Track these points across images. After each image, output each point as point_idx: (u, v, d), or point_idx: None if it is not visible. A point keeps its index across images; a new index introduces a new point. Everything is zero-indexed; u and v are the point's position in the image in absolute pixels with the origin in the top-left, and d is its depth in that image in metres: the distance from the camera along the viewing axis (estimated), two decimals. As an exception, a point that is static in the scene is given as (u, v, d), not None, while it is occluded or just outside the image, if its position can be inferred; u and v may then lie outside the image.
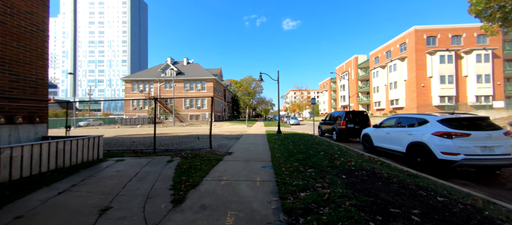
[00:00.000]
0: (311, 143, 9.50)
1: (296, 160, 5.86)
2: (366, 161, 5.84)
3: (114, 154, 6.80)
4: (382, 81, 34.17)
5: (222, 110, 47.18)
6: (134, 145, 9.97)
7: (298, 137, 11.85)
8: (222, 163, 5.71)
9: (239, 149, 8.04)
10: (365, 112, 10.89)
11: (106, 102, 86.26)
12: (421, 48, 27.07)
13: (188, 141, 11.06)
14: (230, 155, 6.92)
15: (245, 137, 12.79)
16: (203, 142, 9.67)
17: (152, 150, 7.58)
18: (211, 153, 7.06)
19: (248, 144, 9.41)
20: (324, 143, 9.40)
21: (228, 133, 15.99)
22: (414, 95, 27.24)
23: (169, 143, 10.31)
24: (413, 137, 5.40)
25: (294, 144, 9.24)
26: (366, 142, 7.89)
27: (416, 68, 27.09)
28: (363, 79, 44.85)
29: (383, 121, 7.16)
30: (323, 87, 75.10)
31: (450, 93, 26.30)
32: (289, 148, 8.13)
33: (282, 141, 10.03)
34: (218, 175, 4.55)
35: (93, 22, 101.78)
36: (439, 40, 27.13)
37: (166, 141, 11.15)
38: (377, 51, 36.42)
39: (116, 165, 5.31)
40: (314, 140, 10.37)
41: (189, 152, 7.12)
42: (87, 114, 58.43)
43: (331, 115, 12.70)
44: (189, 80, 39.31)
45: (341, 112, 11.27)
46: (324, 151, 7.42)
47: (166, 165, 5.40)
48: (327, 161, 5.73)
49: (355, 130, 10.55)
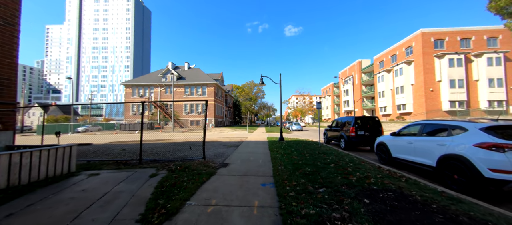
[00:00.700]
0: (317, 152, 8.52)
1: (302, 175, 4.91)
2: (387, 177, 4.86)
3: (91, 166, 5.92)
4: (388, 86, 33.13)
5: (223, 115, 46.39)
6: (122, 154, 9.10)
7: (302, 145, 10.87)
8: (214, 178, 4.78)
9: (237, 160, 7.11)
10: (377, 118, 9.91)
11: (108, 108, 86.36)
12: (429, 52, 26.13)
13: (183, 149, 10.16)
14: (225, 167, 5.99)
15: (245, 144, 11.86)
16: (197, 151, 8.75)
17: (138, 161, 6.69)
18: (203, 164, 6.14)
19: (247, 153, 8.47)
20: (332, 153, 8.41)
21: (227, 139, 15.07)
22: (423, 100, 26.10)
23: (162, 151, 9.42)
24: (446, 149, 4.42)
25: (299, 153, 8.28)
26: (382, 152, 6.90)
27: (423, 72, 26.07)
28: (367, 83, 43.85)
29: (403, 128, 6.19)
30: (326, 92, 74.12)
31: (460, 98, 25.11)
32: (293, 158, 7.17)
33: (285, 150, 9.07)
34: (206, 197, 3.63)
35: (97, 29, 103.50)
36: (447, 43, 26.21)
37: (159, 149, 10.27)
38: (382, 55, 35.57)
39: (86, 182, 4.41)
40: (320, 149, 9.39)
41: (179, 164, 6.21)
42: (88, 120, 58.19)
43: (338, 121, 11.74)
44: (189, 85, 38.78)
45: (350, 117, 10.32)
46: (334, 162, 6.45)
47: (146, 182, 4.49)
48: (340, 177, 4.77)
49: (366, 137, 9.55)
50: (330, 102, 69.50)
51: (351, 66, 49.07)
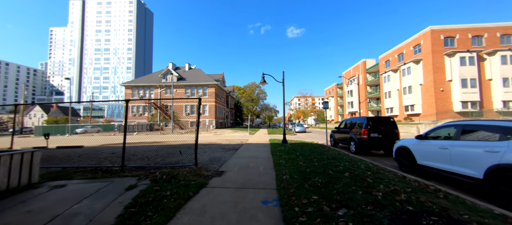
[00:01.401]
0: (326, 157, 7.55)
1: (313, 188, 3.96)
2: (420, 192, 3.89)
3: (61, 175, 5.05)
4: (394, 86, 31.94)
5: (224, 116, 45.57)
6: (109, 158, 8.26)
7: (308, 148, 9.91)
8: (204, 192, 3.87)
9: (235, 166, 6.18)
10: (392, 119, 8.92)
11: (109, 109, 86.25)
12: (438, 50, 24.96)
13: (177, 153, 9.28)
14: (219, 176, 5.08)
15: (245, 147, 10.94)
16: (190, 156, 7.84)
17: (119, 168, 5.81)
18: (195, 173, 5.22)
19: (247, 158, 7.54)
20: (343, 158, 7.43)
21: (227, 142, 14.18)
22: (432, 100, 24.87)
23: (153, 155, 8.54)
24: (500, 157, 3.44)
25: (305, 158, 7.32)
26: (404, 158, 5.91)
27: (433, 71, 24.88)
28: (372, 84, 42.64)
29: (433, 130, 5.20)
30: (329, 93, 72.91)
31: (473, 98, 23.83)
32: (300, 164, 6.21)
33: (290, 154, 8.12)
34: (188, 222, 2.71)
35: (99, 30, 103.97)
36: (457, 40, 25.01)
37: (151, 152, 9.40)
38: (388, 54, 34.43)
39: (41, 198, 3.53)
40: (328, 153, 8.42)
41: (166, 172, 5.32)
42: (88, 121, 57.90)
43: (347, 122, 10.75)
44: (190, 86, 38.08)
45: (361, 118, 9.33)
46: (348, 170, 5.48)
47: (118, 197, 3.59)
48: (361, 191, 3.81)
49: (380, 140, 8.54)
50: (334, 103, 68.25)
51: (355, 66, 47.93)
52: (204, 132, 27.96)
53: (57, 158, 8.49)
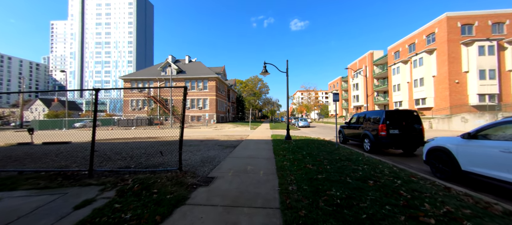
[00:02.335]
0: (338, 157, 6.40)
1: (332, 209, 2.83)
2: (486, 215, 2.73)
3: (6, 183, 4.01)
4: (404, 78, 30.20)
5: (225, 111, 44.54)
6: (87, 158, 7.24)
7: (315, 146, 8.76)
8: (178, 215, 2.77)
9: (229, 170, 5.08)
10: (415, 113, 7.65)
11: (112, 104, 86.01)
12: (455, 38, 23.09)
13: (168, 150, 8.24)
14: (207, 185, 3.98)
15: (244, 144, 9.85)
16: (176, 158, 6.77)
17: (87, 173, 4.76)
18: (176, 180, 4.15)
19: (245, 159, 6.44)
20: (359, 159, 6.26)
21: (226, 138, 13.10)
22: (446, 93, 23.23)
23: (137, 154, 7.51)
24: None
25: (314, 159, 6.18)
26: (441, 162, 4.72)
27: (448, 61, 23.11)
28: (379, 76, 40.82)
29: (486, 128, 3.97)
30: (333, 87, 71.03)
31: (491, 91, 22.12)
32: (308, 168, 5.08)
33: (295, 153, 6.99)
34: None
35: (100, 24, 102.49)
36: (476, 28, 23.06)
37: (137, 150, 8.38)
38: (398, 45, 32.48)
39: None
40: (340, 152, 7.27)
41: (142, 178, 4.26)
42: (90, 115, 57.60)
43: (359, 116, 9.52)
44: (190, 79, 36.93)
45: (378, 112, 8.09)
46: (371, 177, 4.35)
47: (54, 223, 2.51)
48: (402, 216, 2.68)
49: (401, 138, 7.33)
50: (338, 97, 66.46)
51: (361, 58, 45.95)
52: (203, 127, 27.01)
53: (31, 156, 7.54)
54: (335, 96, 8.97)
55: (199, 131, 20.16)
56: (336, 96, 8.96)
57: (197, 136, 14.77)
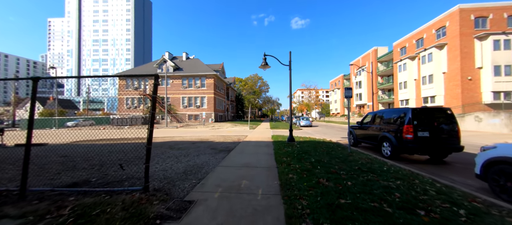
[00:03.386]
0: (357, 167, 5.06)
1: None
2: None
3: None
4: (411, 75, 28.77)
5: (224, 109, 43.18)
6: (47, 167, 5.93)
7: (323, 151, 7.43)
8: None
9: (216, 187, 3.73)
10: (449, 111, 6.28)
11: (109, 102, 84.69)
12: (468, 32, 21.65)
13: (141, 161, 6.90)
14: (179, 218, 2.64)
15: (241, 147, 8.51)
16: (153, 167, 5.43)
17: (18, 193, 3.43)
18: (135, 209, 2.81)
19: (240, 168, 5.08)
20: (384, 170, 4.91)
21: (222, 139, 11.76)
22: (458, 90, 21.83)
23: (111, 161, 6.17)
24: None
25: (327, 170, 4.82)
26: (510, 180, 3.35)
27: (460, 56, 21.68)
28: (384, 74, 39.40)
29: None
30: (335, 85, 69.61)
31: (507, 88, 20.70)
32: (324, 185, 3.74)
33: (301, 161, 5.63)
34: None
35: (97, 21, 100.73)
36: (490, 21, 21.61)
37: (116, 155, 7.03)
38: (404, 40, 31.01)
39: None
40: (355, 159, 5.93)
41: (86, 205, 2.92)
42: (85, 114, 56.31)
43: (376, 115, 8.16)
44: (187, 76, 35.53)
45: (402, 110, 6.74)
46: (419, 204, 3.01)
47: None
48: None
49: (431, 142, 5.97)
50: (340, 95, 65.13)
51: (365, 55, 44.47)
52: (200, 126, 25.66)
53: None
54: (348, 91, 7.61)
55: (195, 131, 18.82)
56: (349, 92, 7.59)
57: (191, 136, 13.43)
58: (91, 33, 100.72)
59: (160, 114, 35.62)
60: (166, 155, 7.13)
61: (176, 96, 36.02)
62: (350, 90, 7.64)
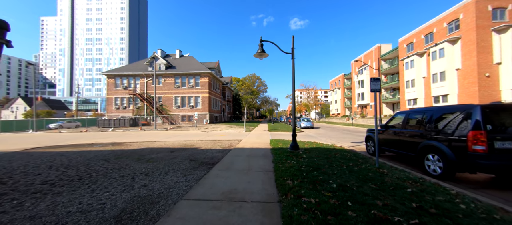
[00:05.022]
0: (413, 203, 2.91)
1: None
2: None
3: None
4: (420, 73, 26.89)
5: (220, 110, 41.01)
6: None
7: (342, 164, 5.33)
8: None
9: None
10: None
11: (103, 103, 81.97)
12: (485, 25, 19.83)
13: (99, 177, 4.72)
14: None
15: (231, 157, 6.37)
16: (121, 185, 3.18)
17: None
18: None
19: (217, 206, 2.84)
20: (461, 208, 2.78)
21: (210, 144, 9.59)
22: (475, 88, 19.96)
23: (56, 180, 3.96)
24: None
25: (366, 209, 2.61)
26: None
27: (477, 51, 19.83)
28: (388, 72, 37.54)
29: None
30: (335, 85, 67.81)
31: (530, 85, 18.93)
32: None
33: (318, 189, 3.43)
34: None
35: (90, 19, 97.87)
36: (510, 12, 19.80)
37: (72, 170, 4.85)
38: (411, 36, 29.16)
39: None
40: (395, 182, 3.82)
41: None
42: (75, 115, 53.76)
43: (413, 115, 6.08)
44: (180, 75, 33.33)
45: (461, 107, 4.69)
46: None
47: None
48: None
49: (517, 156, 3.88)
50: (340, 95, 63.31)
51: (367, 53, 42.63)
52: (192, 128, 23.47)
53: None
54: (375, 83, 5.54)
55: (184, 133, 16.64)
56: (377, 84, 5.52)
57: (174, 142, 11.24)
58: (84, 32, 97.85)
59: (151, 114, 33.33)
60: (120, 174, 4.95)
61: (168, 96, 33.77)
62: (378, 81, 5.57)
